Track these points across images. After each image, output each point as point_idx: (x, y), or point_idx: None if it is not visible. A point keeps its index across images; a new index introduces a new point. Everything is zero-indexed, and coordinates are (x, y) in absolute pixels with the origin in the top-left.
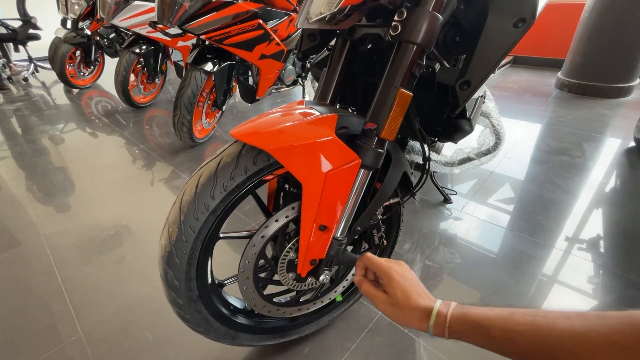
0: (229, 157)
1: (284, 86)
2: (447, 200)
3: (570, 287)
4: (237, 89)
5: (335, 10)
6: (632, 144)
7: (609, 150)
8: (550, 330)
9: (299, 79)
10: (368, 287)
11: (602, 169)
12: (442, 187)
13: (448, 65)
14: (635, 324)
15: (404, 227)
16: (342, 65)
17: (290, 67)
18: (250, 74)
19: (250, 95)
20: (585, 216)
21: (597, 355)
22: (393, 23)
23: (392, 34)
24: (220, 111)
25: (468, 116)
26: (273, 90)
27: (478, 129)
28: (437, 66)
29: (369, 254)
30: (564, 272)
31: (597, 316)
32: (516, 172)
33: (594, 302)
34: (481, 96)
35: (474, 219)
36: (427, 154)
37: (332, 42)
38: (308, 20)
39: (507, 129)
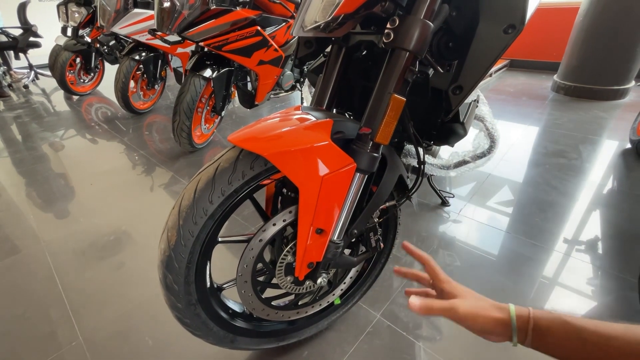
0: (226, 162)
1: (283, 91)
2: (444, 203)
3: (569, 288)
4: (236, 95)
5: (330, 18)
6: (628, 145)
7: (605, 152)
8: None
9: (297, 84)
10: (441, 304)
11: (598, 171)
12: (439, 190)
13: (442, 71)
14: None
15: (402, 230)
16: (338, 72)
17: (289, 72)
18: (249, 79)
19: (249, 100)
20: (583, 218)
21: None
22: (386, 30)
23: (385, 41)
24: (219, 117)
25: (461, 120)
26: (272, 96)
27: (473, 132)
28: (431, 71)
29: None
30: (563, 274)
31: None
32: (513, 174)
33: (593, 304)
34: (474, 100)
35: (472, 221)
36: (421, 157)
37: (328, 49)
38: (303, 28)
39: (504, 131)
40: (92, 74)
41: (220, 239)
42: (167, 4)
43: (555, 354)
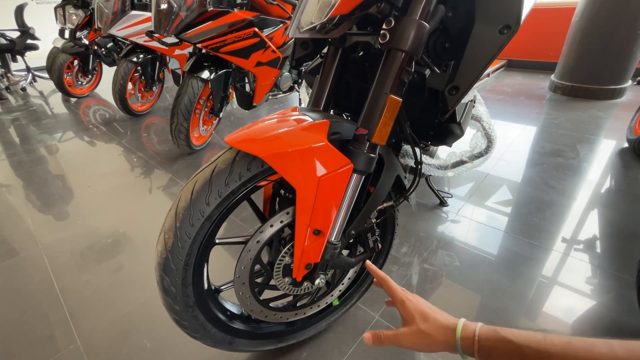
0: (223, 163)
1: (281, 92)
2: (443, 203)
3: (568, 287)
4: (234, 96)
5: (325, 19)
6: (625, 144)
7: (602, 152)
8: (588, 353)
9: (296, 85)
10: (387, 334)
11: (596, 170)
12: (437, 190)
13: (438, 71)
14: None
15: (401, 230)
16: (335, 72)
17: (287, 73)
18: (246, 81)
19: (247, 102)
20: (581, 217)
21: None
22: (381, 31)
23: (380, 42)
24: (218, 118)
25: (458, 120)
26: (270, 97)
27: (470, 132)
28: (427, 72)
29: (390, 283)
30: (561, 273)
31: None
32: (511, 174)
33: (591, 303)
34: (471, 100)
35: (471, 221)
36: (418, 157)
37: (325, 50)
38: (299, 29)
39: (502, 131)
40: (89, 76)
41: (217, 241)
42: (164, 6)
43: None
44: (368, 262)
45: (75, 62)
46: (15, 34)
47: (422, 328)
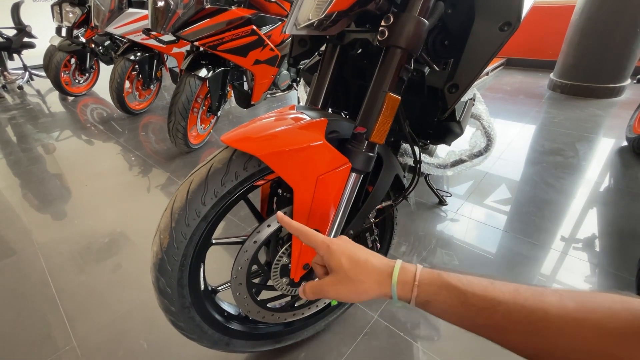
0: (219, 163)
1: (279, 91)
2: (442, 202)
3: (567, 286)
4: (232, 95)
5: (323, 16)
6: (625, 143)
7: (602, 150)
8: (536, 302)
9: (294, 84)
10: (310, 283)
11: (595, 169)
12: (437, 189)
13: (437, 69)
14: (636, 312)
15: (400, 229)
16: (333, 70)
17: (285, 72)
18: (244, 79)
19: (245, 100)
20: (580, 216)
21: (590, 339)
22: (380, 28)
23: (379, 39)
24: (216, 117)
25: (457, 119)
26: (268, 95)
27: (470, 131)
28: (427, 70)
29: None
30: (560, 272)
31: (591, 295)
32: (510, 173)
33: None
34: (470, 99)
35: (470, 220)
36: (417, 156)
37: (323, 47)
38: (296, 26)
39: (501, 130)
40: (87, 75)
41: (214, 241)
42: (161, 3)
43: (441, 317)
44: (280, 213)
45: (73, 60)
46: (11, 32)
47: (349, 274)
